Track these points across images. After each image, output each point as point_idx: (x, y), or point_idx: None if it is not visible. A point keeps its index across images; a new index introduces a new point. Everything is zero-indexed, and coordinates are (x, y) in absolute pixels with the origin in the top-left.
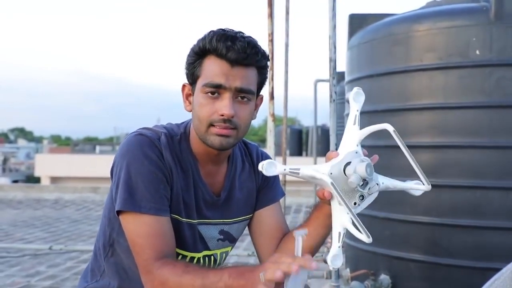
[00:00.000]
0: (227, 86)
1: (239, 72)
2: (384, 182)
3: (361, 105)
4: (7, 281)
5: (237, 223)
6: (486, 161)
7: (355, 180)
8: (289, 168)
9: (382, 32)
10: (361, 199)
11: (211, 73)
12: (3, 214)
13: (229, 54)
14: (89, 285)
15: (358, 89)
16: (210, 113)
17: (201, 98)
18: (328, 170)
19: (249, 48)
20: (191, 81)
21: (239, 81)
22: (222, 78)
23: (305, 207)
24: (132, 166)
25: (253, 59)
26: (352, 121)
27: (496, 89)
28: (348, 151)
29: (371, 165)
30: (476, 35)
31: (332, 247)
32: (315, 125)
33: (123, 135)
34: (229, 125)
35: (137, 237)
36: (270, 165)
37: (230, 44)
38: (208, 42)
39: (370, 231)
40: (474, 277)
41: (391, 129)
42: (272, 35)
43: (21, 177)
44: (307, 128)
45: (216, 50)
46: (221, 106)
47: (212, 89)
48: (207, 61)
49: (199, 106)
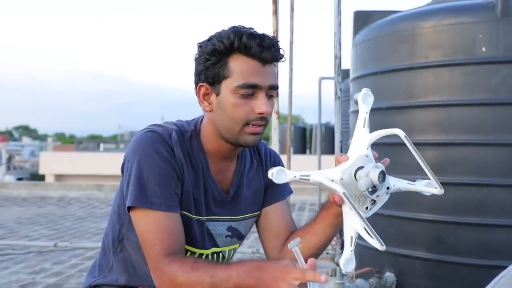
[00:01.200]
0: (262, 85)
1: (269, 70)
2: (396, 185)
3: (370, 107)
4: (12, 278)
5: (245, 220)
6: (492, 158)
7: (365, 184)
8: (300, 175)
9: (387, 29)
10: (373, 203)
11: (244, 73)
12: (8, 211)
13: (263, 54)
14: (96, 280)
15: (367, 90)
16: (247, 113)
17: (234, 98)
18: (339, 176)
19: (275, 46)
20: (211, 81)
21: (271, 79)
22: (256, 78)
23: (309, 205)
24: (143, 163)
25: (279, 56)
26: (362, 123)
27: (502, 86)
28: (358, 155)
29: (384, 172)
30: (482, 32)
31: (344, 251)
32: (319, 122)
33: (127, 133)
34: (264, 122)
35: (147, 233)
36: (280, 173)
37: (259, 42)
38: (238, 41)
39: (375, 228)
40: (480, 274)
41: (402, 135)
42: (277, 33)
43: (26, 175)
44: (311, 126)
45: (248, 49)
46: (258, 105)
47: (248, 90)
48: (235, 61)
49: (232, 107)
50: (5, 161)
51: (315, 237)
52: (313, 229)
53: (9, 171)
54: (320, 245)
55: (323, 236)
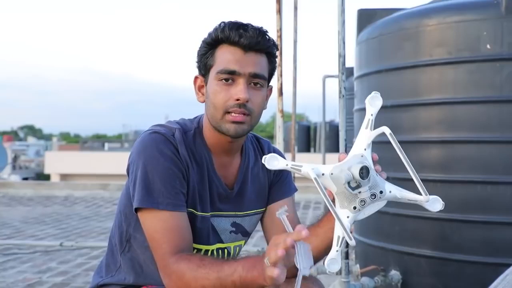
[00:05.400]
0: (241, 72)
1: (251, 58)
2: (392, 191)
3: (377, 110)
4: (19, 277)
5: (249, 216)
6: (497, 156)
7: (345, 177)
8: (291, 164)
9: (391, 27)
10: (362, 204)
11: (224, 60)
12: (14, 211)
13: (242, 40)
14: (103, 280)
15: (376, 93)
16: (225, 99)
17: (215, 85)
18: (330, 171)
19: (261, 35)
20: (203, 72)
21: (252, 66)
22: (235, 64)
23: (314, 203)
24: (148, 164)
25: (265, 45)
26: (365, 124)
27: (506, 83)
28: (354, 154)
29: (367, 169)
30: (486, 29)
31: (331, 250)
32: (323, 121)
33: (131, 132)
34: (244, 110)
35: (154, 233)
36: (272, 159)
37: (242, 32)
38: (221, 31)
39: (380, 226)
40: (485, 272)
41: (388, 132)
42: (281, 31)
43: (31, 174)
44: (315, 124)
45: (228, 38)
46: (236, 91)
47: (226, 75)
48: (219, 50)
49: (213, 94)
50: (11, 161)
51: (317, 239)
52: (316, 231)
53: (15, 171)
54: (322, 248)
55: (325, 239)
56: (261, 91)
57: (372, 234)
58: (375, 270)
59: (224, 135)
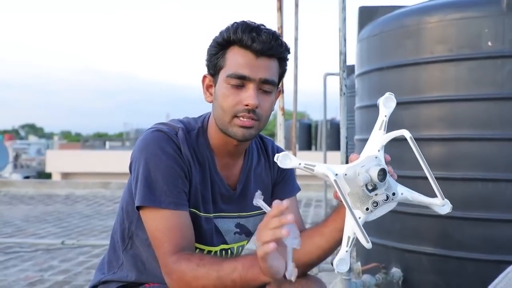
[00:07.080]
0: (252, 77)
1: (263, 63)
2: (404, 193)
3: (390, 111)
4: (20, 275)
5: (253, 217)
6: (498, 153)
7: (363, 179)
8: (304, 163)
9: (392, 25)
10: (375, 206)
11: (235, 64)
12: (16, 209)
13: (255, 45)
14: (105, 276)
15: (390, 94)
16: (234, 104)
17: (225, 88)
18: (343, 171)
19: (274, 40)
20: (212, 72)
21: (263, 72)
22: (246, 69)
23: (315, 201)
24: (150, 162)
25: (277, 50)
26: (379, 126)
27: (508, 80)
28: (367, 155)
29: (385, 171)
30: (488, 26)
31: (340, 251)
32: (324, 119)
33: (133, 131)
34: (252, 116)
35: (156, 231)
36: (285, 158)
37: (255, 35)
38: (233, 32)
39: (381, 224)
40: (487, 269)
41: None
42: (282, 29)
43: (32, 173)
44: (316, 122)
45: (241, 41)
46: (245, 97)
47: (236, 80)
48: (230, 52)
49: (222, 97)
50: (12, 159)
51: (322, 239)
52: (321, 231)
53: (16, 170)
54: (327, 248)
55: (331, 239)
56: (270, 96)
57: (373, 232)
58: (376, 267)
59: (231, 138)
